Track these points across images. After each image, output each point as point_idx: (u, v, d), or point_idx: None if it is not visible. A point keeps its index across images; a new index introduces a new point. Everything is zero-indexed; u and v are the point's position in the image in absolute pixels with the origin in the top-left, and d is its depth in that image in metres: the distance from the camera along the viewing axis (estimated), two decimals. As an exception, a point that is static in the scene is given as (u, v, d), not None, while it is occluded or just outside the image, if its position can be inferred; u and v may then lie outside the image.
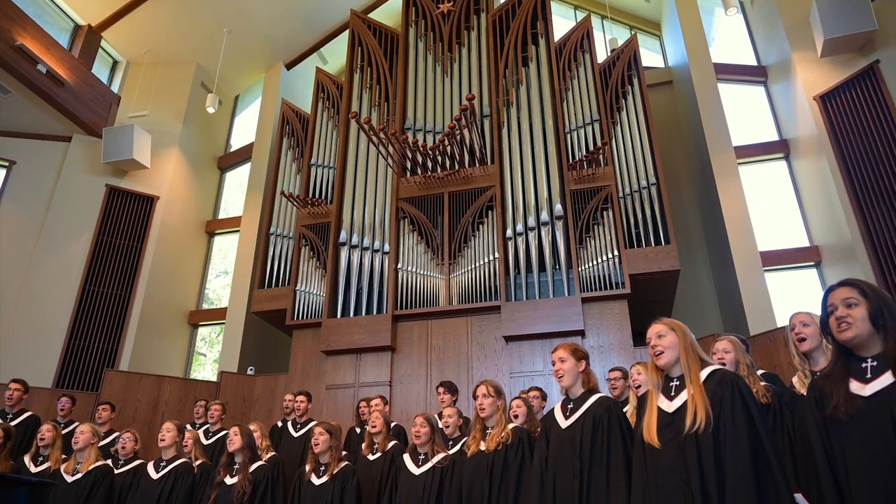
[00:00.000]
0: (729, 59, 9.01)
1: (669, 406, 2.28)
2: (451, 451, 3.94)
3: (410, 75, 8.53)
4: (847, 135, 6.90)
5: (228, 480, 3.99)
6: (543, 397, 5.02)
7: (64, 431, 5.34)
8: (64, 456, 4.48)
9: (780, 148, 8.23)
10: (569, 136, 7.51)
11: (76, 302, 8.14)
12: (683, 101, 9.18)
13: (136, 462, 4.62)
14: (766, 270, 7.20)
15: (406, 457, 3.85)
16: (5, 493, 2.36)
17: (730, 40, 9.52)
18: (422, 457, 3.77)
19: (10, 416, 5.39)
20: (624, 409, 3.58)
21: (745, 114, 8.66)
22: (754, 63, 8.96)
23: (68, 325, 8.00)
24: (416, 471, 3.72)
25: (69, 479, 4.14)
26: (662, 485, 2.18)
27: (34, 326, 7.92)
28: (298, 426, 5.65)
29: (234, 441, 4.04)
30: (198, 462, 4.46)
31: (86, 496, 4.05)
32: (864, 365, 1.89)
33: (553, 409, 2.98)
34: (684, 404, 2.22)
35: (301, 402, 5.68)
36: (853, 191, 6.70)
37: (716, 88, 8.19)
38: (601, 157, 7.09)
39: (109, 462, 4.44)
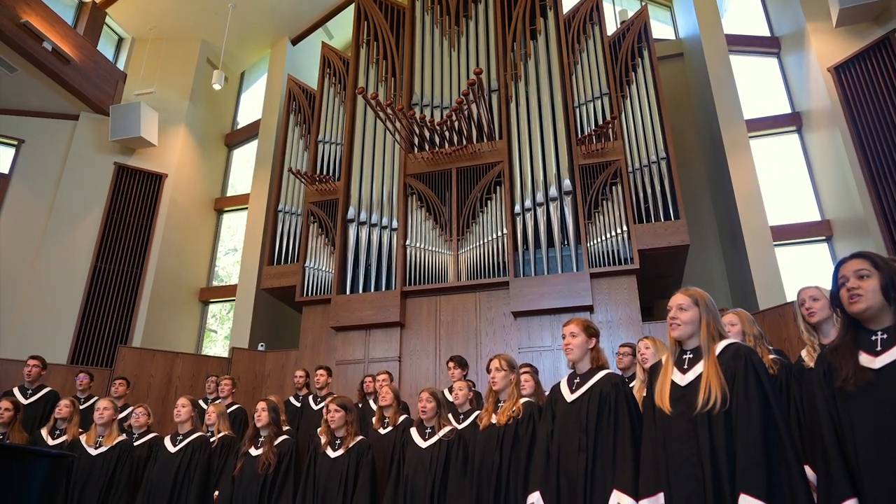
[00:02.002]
0: (741, 30, 8.84)
1: (682, 379, 2.28)
2: (461, 425, 3.99)
3: (417, 50, 8.43)
4: (861, 107, 6.79)
5: (253, 452, 4.09)
6: (535, 372, 5.05)
7: (83, 406, 5.46)
8: (81, 430, 4.58)
9: (793, 121, 8.11)
10: (578, 110, 7.43)
11: (88, 279, 8.23)
12: (694, 74, 9.04)
13: (150, 435, 4.73)
14: (776, 245, 7.16)
15: (413, 430, 3.91)
16: (25, 464, 2.41)
17: (742, 11, 9.33)
18: (428, 430, 3.83)
19: (30, 391, 5.50)
20: (630, 385, 3.62)
21: (757, 86, 8.53)
22: (767, 34, 8.79)
23: (81, 302, 8.10)
24: (422, 444, 3.78)
25: (92, 451, 4.24)
26: (671, 456, 2.19)
27: (48, 303, 8.02)
28: (319, 400, 5.74)
29: (262, 417, 4.15)
30: (220, 434, 4.56)
31: (112, 469, 4.19)
32: (873, 338, 1.88)
33: (559, 382, 3.00)
34: (697, 378, 2.22)
35: (321, 375, 5.78)
36: (866, 164, 6.62)
37: (727, 60, 8.05)
38: (610, 131, 7.02)
39: (125, 436, 4.55)
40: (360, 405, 5.54)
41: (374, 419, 4.74)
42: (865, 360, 1.85)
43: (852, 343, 1.91)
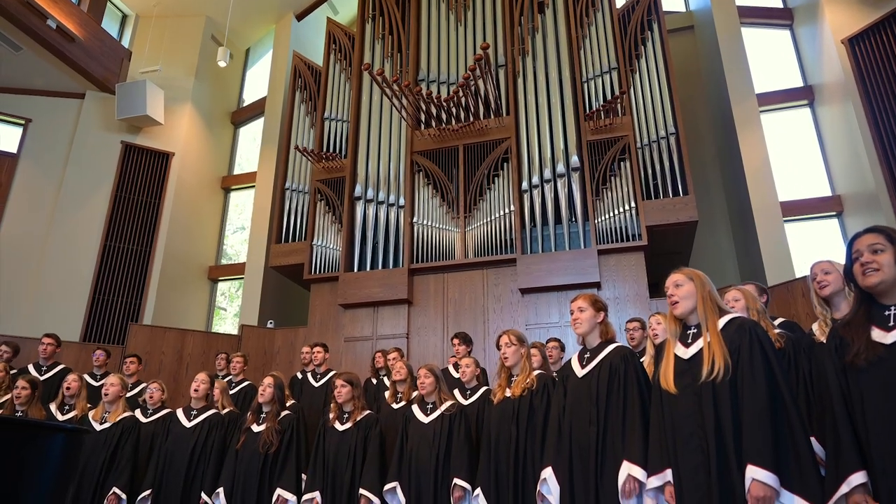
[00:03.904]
0: (754, 2, 8.67)
1: (686, 353, 2.31)
2: (467, 401, 4.04)
3: (423, 24, 8.33)
4: (875, 80, 6.69)
5: (255, 428, 4.15)
6: (562, 348, 5.08)
7: (99, 383, 5.54)
8: (89, 405, 4.64)
9: (805, 94, 7.99)
10: (586, 85, 7.34)
11: (98, 257, 8.30)
12: (705, 47, 8.90)
13: (164, 411, 4.79)
14: (786, 221, 7.11)
15: (415, 407, 3.98)
16: (43, 439, 2.45)
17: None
18: (430, 406, 3.90)
19: (45, 368, 5.59)
20: (641, 360, 3.63)
21: (769, 59, 8.39)
22: (780, 5, 8.62)
23: (92, 280, 8.18)
24: (424, 419, 3.85)
25: (98, 426, 4.31)
26: (678, 430, 2.23)
27: (59, 282, 8.10)
28: (318, 376, 5.81)
29: (266, 393, 4.19)
30: (225, 411, 4.62)
31: (114, 445, 4.23)
32: (886, 313, 1.88)
33: (570, 359, 3.02)
34: (700, 352, 2.25)
35: (318, 352, 5.84)
36: (879, 138, 6.54)
37: (739, 33, 7.91)
38: (619, 106, 6.94)
39: (137, 413, 4.61)
40: (374, 381, 5.60)
41: (387, 394, 4.79)
42: (877, 334, 1.85)
43: (865, 317, 1.91)
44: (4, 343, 5.55)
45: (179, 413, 4.47)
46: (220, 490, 4.06)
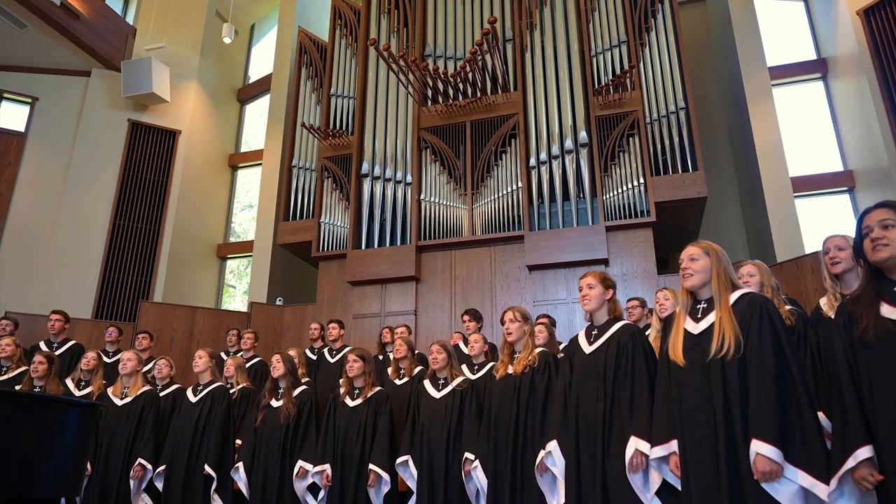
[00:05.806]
0: (767, -28, 8.49)
1: (695, 328, 2.30)
2: (475, 376, 4.08)
3: (430, -2, 8.21)
4: (890, 53, 6.56)
5: (274, 403, 4.23)
6: (553, 324, 5.12)
7: (111, 360, 5.62)
8: (104, 382, 4.72)
9: (818, 67, 7.86)
10: (595, 59, 7.24)
11: (108, 236, 8.36)
12: (716, 20, 8.73)
13: (174, 386, 4.87)
14: (796, 196, 7.04)
15: (426, 382, 4.02)
16: (59, 414, 2.51)
17: (769, -49, 8.93)
18: (441, 381, 3.95)
19: (56, 344, 5.66)
20: (646, 334, 3.64)
21: (782, 31, 8.23)
22: (794, -25, 8.43)
23: (102, 258, 8.26)
24: (436, 394, 3.90)
25: (118, 401, 4.39)
26: (685, 403, 2.23)
27: (71, 260, 8.18)
28: (334, 353, 5.86)
29: (278, 368, 4.28)
30: (240, 386, 4.69)
31: (137, 418, 4.35)
32: (895, 288, 1.87)
33: (577, 335, 3.03)
34: (710, 327, 2.24)
35: (333, 328, 5.88)
36: (893, 112, 6.43)
37: (752, 4, 7.75)
38: (628, 80, 6.85)
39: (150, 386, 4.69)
40: (380, 357, 5.65)
41: (389, 370, 4.84)
42: (886, 310, 1.85)
43: (874, 293, 1.90)
44: (3, 318, 5.62)
45: (188, 391, 4.55)
46: (240, 465, 4.15)
